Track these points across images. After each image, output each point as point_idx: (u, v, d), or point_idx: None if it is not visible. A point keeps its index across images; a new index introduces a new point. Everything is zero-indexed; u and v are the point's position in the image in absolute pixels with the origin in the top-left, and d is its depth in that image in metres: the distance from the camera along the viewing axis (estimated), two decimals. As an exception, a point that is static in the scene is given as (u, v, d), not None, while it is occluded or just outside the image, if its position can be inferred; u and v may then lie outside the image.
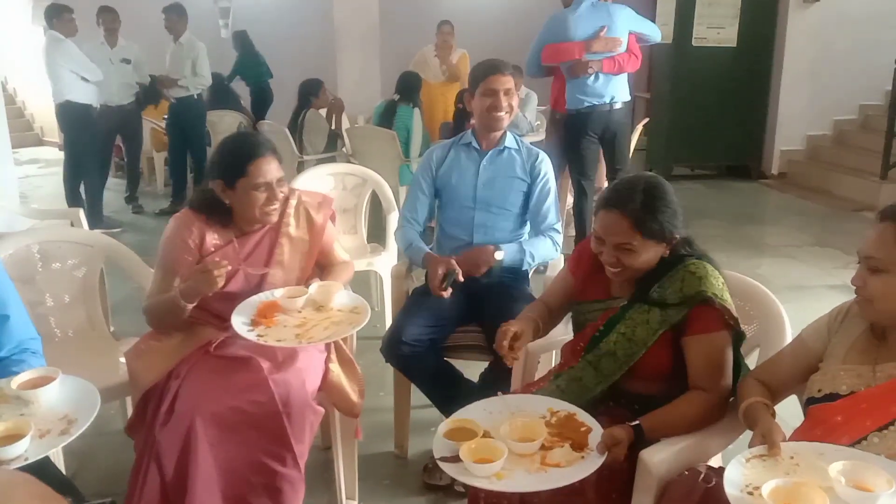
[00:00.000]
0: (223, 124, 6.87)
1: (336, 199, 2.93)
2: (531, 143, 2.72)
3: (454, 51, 6.51)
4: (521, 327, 1.84)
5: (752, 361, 1.89)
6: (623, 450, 1.53)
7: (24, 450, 1.40)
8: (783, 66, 7.31)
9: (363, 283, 3.78)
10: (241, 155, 2.08)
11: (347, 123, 6.25)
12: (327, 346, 2.20)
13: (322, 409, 2.10)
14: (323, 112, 5.83)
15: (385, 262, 3.57)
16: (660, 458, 1.54)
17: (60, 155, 9.57)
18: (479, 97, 2.55)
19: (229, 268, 1.99)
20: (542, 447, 1.52)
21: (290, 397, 1.99)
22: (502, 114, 2.54)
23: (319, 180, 3.57)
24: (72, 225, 3.46)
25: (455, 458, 1.49)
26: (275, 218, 2.17)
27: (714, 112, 7.38)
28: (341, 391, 2.18)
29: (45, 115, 10.47)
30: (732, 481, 1.33)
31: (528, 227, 2.67)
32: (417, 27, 7.31)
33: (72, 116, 5.80)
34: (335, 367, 2.20)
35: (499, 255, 2.46)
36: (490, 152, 2.62)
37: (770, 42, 7.37)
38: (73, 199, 5.98)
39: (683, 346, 1.72)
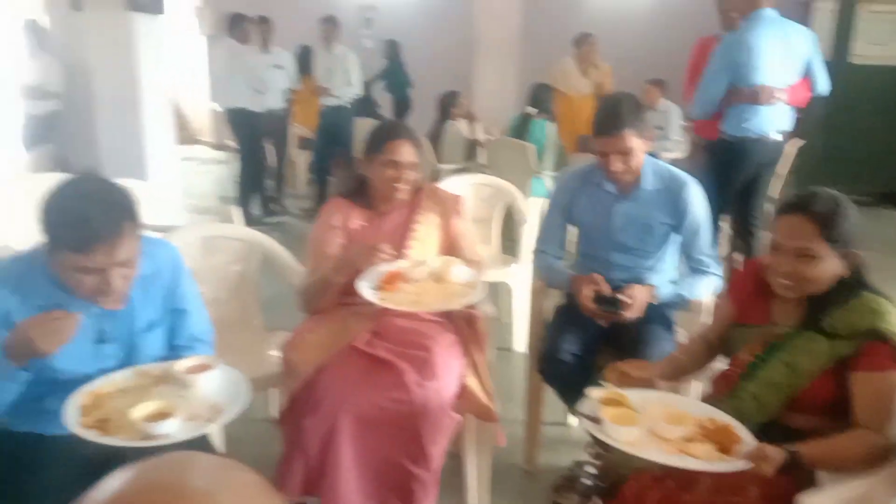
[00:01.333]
0: (364, 132, 7.11)
1: (471, 209, 2.98)
2: (673, 162, 2.53)
3: (598, 64, 6.44)
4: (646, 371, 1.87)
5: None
6: (770, 468, 1.49)
7: (172, 429, 1.48)
8: (956, 86, 6.71)
9: (493, 295, 3.79)
10: (381, 134, 2.30)
11: (483, 134, 6.32)
12: (465, 354, 2.24)
13: (459, 416, 2.14)
14: (461, 123, 5.93)
15: (516, 275, 3.58)
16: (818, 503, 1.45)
17: (213, 154, 10.30)
18: (595, 152, 2.38)
19: (390, 256, 2.14)
20: (686, 439, 1.57)
21: (428, 401, 2.05)
22: (616, 172, 2.32)
23: (455, 190, 3.61)
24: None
25: (595, 419, 1.61)
26: (402, 196, 2.32)
27: (872, 135, 6.86)
28: (476, 398, 2.20)
29: (199, 116, 11.26)
30: None
31: (674, 262, 2.53)
32: (558, 38, 7.21)
33: (244, 122, 6.16)
34: (471, 375, 2.23)
35: (654, 300, 2.32)
36: (625, 197, 2.42)
37: (940, 61, 6.78)
38: (245, 200, 6.36)
39: (850, 381, 1.61)
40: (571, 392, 2.38)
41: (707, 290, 2.42)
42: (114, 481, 0.62)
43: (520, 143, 5.23)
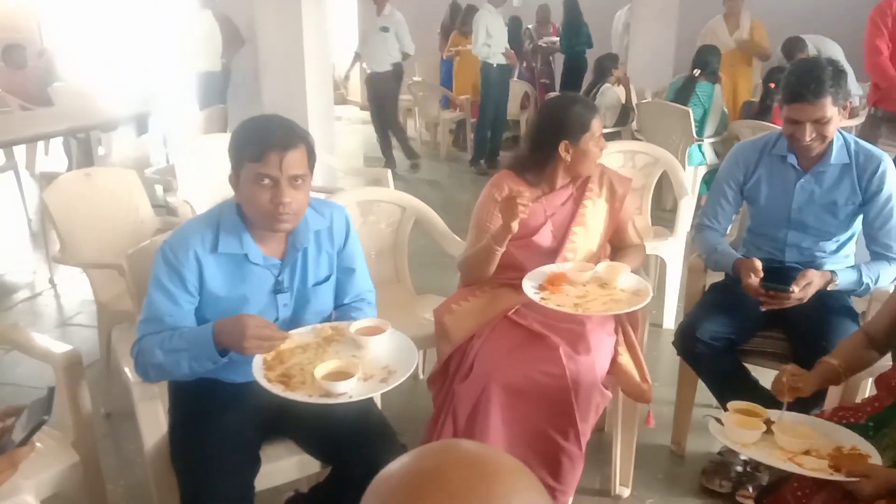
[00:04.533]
0: (512, 93, 7.10)
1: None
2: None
3: (743, 17, 5.99)
4: (804, 382, 1.74)
5: None
6: (870, 487, 1.45)
7: (351, 388, 1.55)
8: None
9: (644, 267, 3.67)
10: (583, 114, 2.22)
11: (636, 98, 6.08)
12: (616, 330, 2.20)
13: (609, 394, 2.11)
14: (617, 86, 5.73)
15: (671, 249, 3.44)
16: None
17: (362, 114, 10.64)
18: (784, 120, 2.20)
19: (530, 203, 2.08)
20: (803, 453, 1.59)
21: (580, 376, 2.03)
22: (808, 143, 2.16)
23: (609, 157, 3.49)
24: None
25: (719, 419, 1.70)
26: (598, 171, 2.32)
27: None
28: (630, 376, 2.16)
29: (351, 76, 11.60)
30: None
31: (853, 247, 2.33)
32: None
33: (366, 84, 6.71)
34: (624, 352, 2.18)
35: (832, 288, 2.15)
36: (810, 172, 2.26)
37: None
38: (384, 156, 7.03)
39: None
40: (708, 371, 2.31)
41: (893, 279, 2.21)
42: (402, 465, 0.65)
43: (677, 108, 4.98)
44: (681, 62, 6.08)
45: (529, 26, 8.88)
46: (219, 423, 1.69)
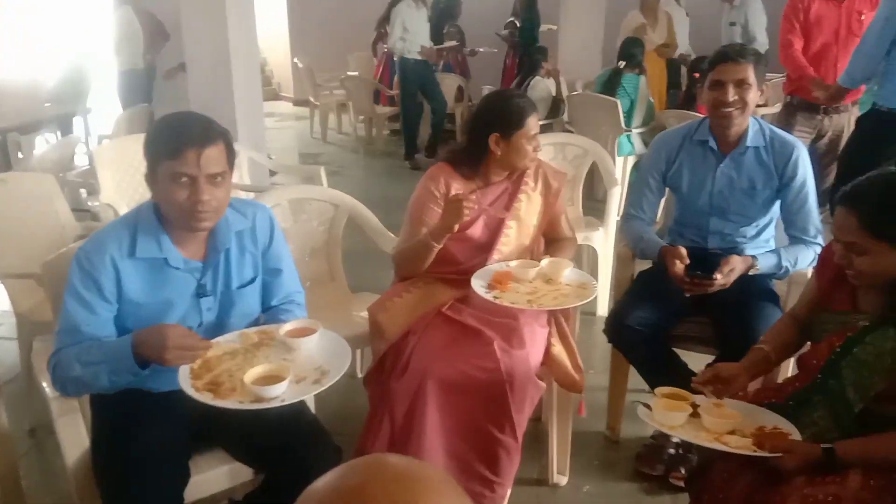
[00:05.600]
0: (444, 85, 7.09)
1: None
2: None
3: (660, 12, 6.17)
4: (733, 372, 1.79)
5: None
6: (793, 462, 1.52)
7: (283, 392, 1.53)
8: None
9: (576, 258, 3.73)
10: (520, 110, 2.22)
11: (566, 90, 6.16)
12: (549, 322, 2.24)
13: (543, 384, 2.14)
14: (547, 79, 5.80)
15: (602, 239, 3.50)
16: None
17: (295, 109, 10.48)
18: (707, 89, 2.30)
19: (475, 206, 2.13)
20: (728, 433, 1.65)
21: (514, 369, 2.05)
22: (730, 106, 2.25)
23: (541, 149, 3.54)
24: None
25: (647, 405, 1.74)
26: (533, 165, 2.32)
27: None
28: (563, 367, 2.19)
29: (283, 72, 11.42)
30: None
31: (773, 232, 2.42)
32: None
33: None
34: (557, 343, 2.22)
35: (753, 272, 2.23)
36: (729, 156, 2.34)
37: None
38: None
39: None
40: (638, 357, 2.37)
41: (810, 262, 2.30)
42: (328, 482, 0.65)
43: (606, 99, 5.08)
44: (611, 54, 6.19)
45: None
46: (144, 434, 1.63)
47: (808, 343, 1.85)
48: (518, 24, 7.94)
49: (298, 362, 1.65)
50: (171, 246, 1.67)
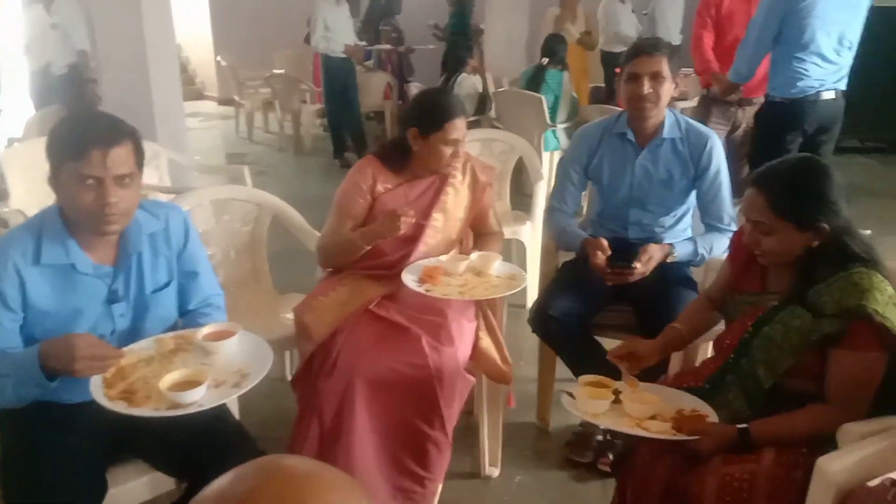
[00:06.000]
0: (371, 84, 7.04)
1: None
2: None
3: (578, 10, 6.32)
4: (647, 348, 1.86)
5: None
6: (708, 443, 1.57)
7: (201, 397, 1.50)
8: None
9: (505, 252, 3.75)
10: (442, 111, 2.20)
11: (493, 87, 6.21)
12: (477, 316, 2.25)
13: (472, 378, 2.15)
14: (474, 75, 5.83)
15: (530, 233, 3.55)
16: (839, 466, 1.44)
17: (220, 109, 10.24)
18: (623, 83, 2.36)
19: (413, 220, 2.13)
20: (649, 418, 1.69)
21: (442, 364, 2.05)
22: (645, 99, 2.30)
23: (468, 145, 3.51)
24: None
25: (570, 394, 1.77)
26: (453, 170, 2.30)
27: (891, 80, 6.68)
28: (491, 360, 2.21)
29: (206, 70, 11.14)
30: None
31: (690, 221, 2.50)
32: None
33: None
34: (485, 336, 2.23)
35: (671, 260, 2.31)
36: (646, 148, 2.40)
37: (966, 3, 6.54)
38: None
39: (829, 355, 1.59)
40: (563, 347, 2.41)
41: (725, 248, 2.39)
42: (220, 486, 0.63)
43: (531, 95, 5.14)
44: (536, 51, 6.28)
45: None
46: (56, 448, 1.56)
47: (723, 324, 1.91)
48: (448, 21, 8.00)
49: (217, 366, 1.62)
50: (78, 251, 1.60)
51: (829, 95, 3.44)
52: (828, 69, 3.41)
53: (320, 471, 0.64)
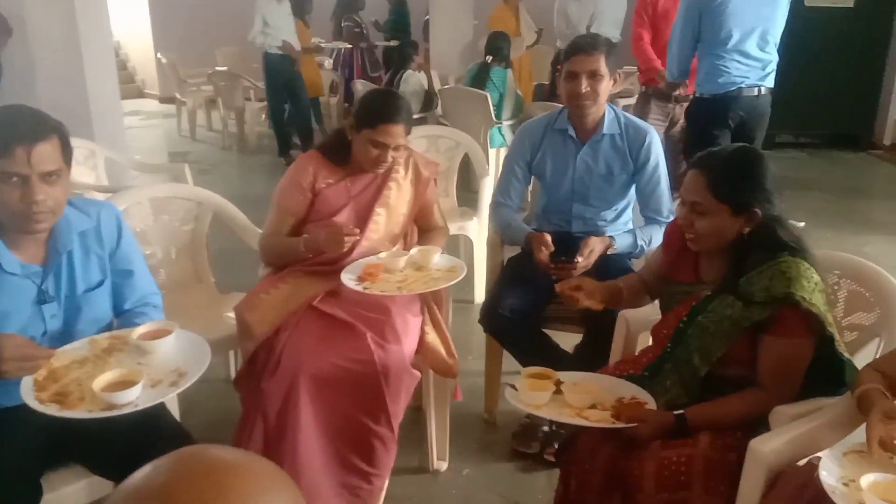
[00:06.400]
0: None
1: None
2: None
3: (521, 9, 6.40)
4: (593, 286, 1.91)
5: (871, 352, 1.79)
6: (646, 430, 1.62)
7: (136, 397, 1.47)
8: (905, 29, 6.82)
9: (452, 248, 3.78)
10: (381, 111, 2.19)
11: (438, 84, 6.23)
12: (422, 310, 2.25)
13: (418, 374, 2.15)
14: (419, 72, 5.84)
15: (476, 228, 3.57)
16: (770, 447, 1.50)
17: (161, 107, 10.00)
18: (563, 81, 2.39)
19: (358, 238, 2.13)
20: (589, 407, 1.72)
21: (388, 360, 2.05)
22: (583, 97, 2.33)
23: (413, 142, 3.54)
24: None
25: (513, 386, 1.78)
26: (380, 171, 2.29)
27: (823, 77, 6.95)
28: (437, 354, 2.22)
29: (146, 68, 10.87)
30: (830, 471, 1.33)
31: (630, 214, 2.55)
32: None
33: None
34: (430, 331, 2.24)
35: (612, 252, 2.36)
36: (587, 143, 2.44)
37: (891, 4, 6.85)
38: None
39: (759, 341, 1.65)
40: (513, 342, 2.44)
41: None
42: (140, 478, 0.59)
43: (477, 93, 5.17)
44: (481, 49, 6.32)
45: None
46: None
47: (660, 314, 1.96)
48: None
49: (154, 366, 1.59)
50: (4, 250, 1.55)
51: (751, 92, 3.57)
52: (750, 65, 3.53)
53: (245, 462, 0.61)
